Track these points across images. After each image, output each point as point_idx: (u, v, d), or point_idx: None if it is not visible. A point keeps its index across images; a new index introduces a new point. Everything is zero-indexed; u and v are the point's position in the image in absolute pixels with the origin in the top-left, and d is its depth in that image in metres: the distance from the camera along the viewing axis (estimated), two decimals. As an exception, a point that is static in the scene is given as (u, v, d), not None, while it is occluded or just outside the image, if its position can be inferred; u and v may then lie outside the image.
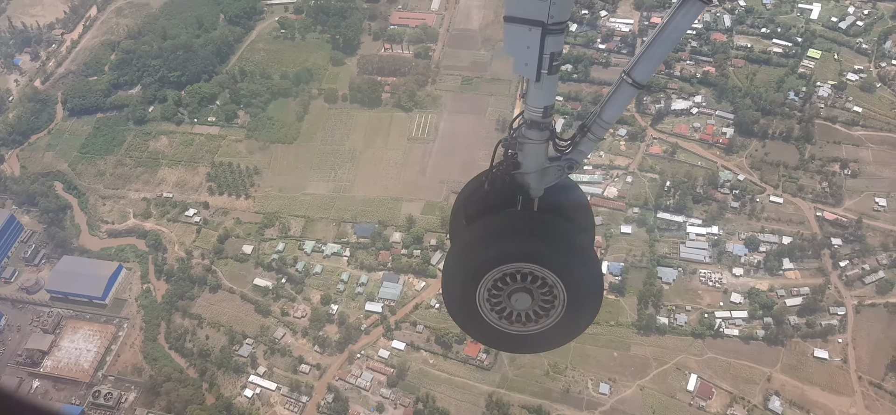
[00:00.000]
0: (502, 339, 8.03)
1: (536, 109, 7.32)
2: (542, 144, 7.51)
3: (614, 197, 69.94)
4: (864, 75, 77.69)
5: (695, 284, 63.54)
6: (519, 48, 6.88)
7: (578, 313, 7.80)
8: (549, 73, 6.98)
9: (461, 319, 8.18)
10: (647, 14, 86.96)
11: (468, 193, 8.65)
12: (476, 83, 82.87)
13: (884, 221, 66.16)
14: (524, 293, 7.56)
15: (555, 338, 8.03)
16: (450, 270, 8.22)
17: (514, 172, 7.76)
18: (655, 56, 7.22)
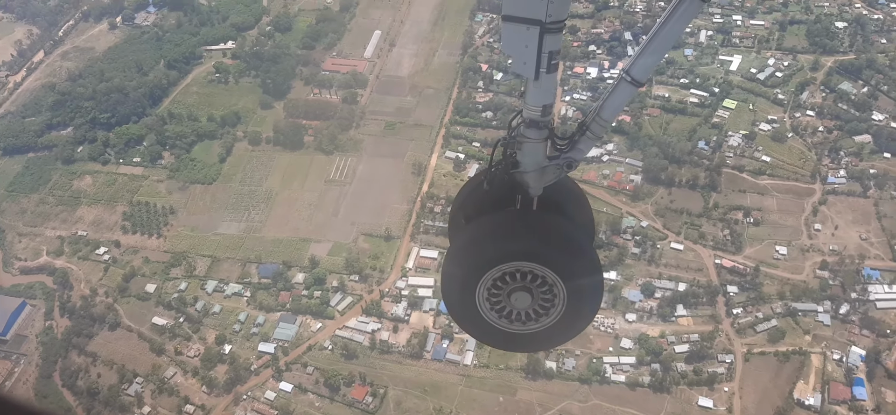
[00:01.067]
0: (502, 338, 8.01)
1: (535, 108, 7.31)
2: (541, 142, 7.52)
3: (519, 241, 70.10)
4: (776, 125, 78.83)
5: (588, 329, 63.11)
6: (517, 47, 6.90)
7: (578, 311, 7.81)
8: (547, 71, 6.98)
9: (461, 318, 8.15)
10: (571, 64, 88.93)
11: (467, 192, 8.69)
12: (398, 128, 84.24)
13: (782, 270, 66.13)
14: (524, 292, 7.54)
15: (555, 336, 8.04)
16: (449, 270, 8.18)
17: (513, 171, 7.74)
18: (655, 54, 7.19)
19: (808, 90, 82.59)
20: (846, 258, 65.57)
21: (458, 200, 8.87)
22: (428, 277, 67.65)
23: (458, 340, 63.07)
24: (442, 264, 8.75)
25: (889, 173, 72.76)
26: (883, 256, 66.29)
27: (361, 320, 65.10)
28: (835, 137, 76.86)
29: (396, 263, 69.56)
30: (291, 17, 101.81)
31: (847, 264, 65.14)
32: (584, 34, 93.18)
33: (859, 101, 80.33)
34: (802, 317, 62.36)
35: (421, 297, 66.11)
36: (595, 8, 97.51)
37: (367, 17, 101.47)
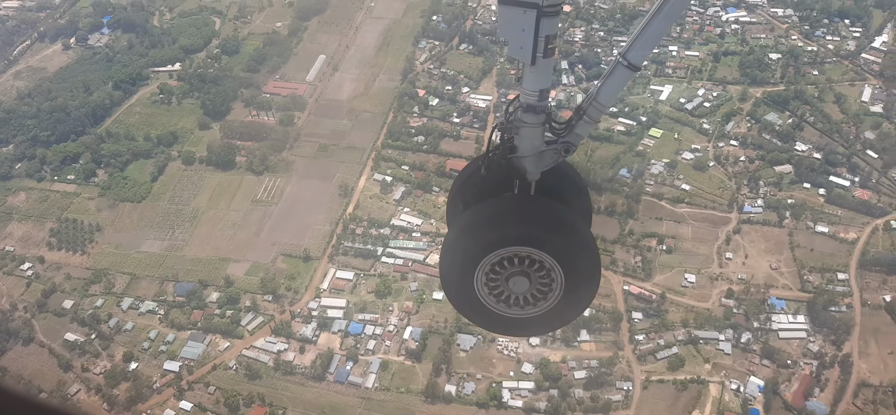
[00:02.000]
0: (501, 322, 7.98)
1: (532, 93, 7.30)
2: (539, 127, 7.49)
3: (435, 264, 70.68)
4: (699, 154, 79.73)
5: (491, 353, 63.48)
6: (513, 31, 6.84)
7: (576, 296, 7.78)
8: (544, 56, 6.93)
9: (459, 303, 8.13)
10: (505, 91, 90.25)
11: (465, 178, 8.70)
12: (331, 151, 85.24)
13: (689, 297, 66.53)
14: (522, 277, 7.50)
15: (553, 320, 8.03)
16: (447, 255, 8.23)
17: (510, 156, 7.72)
18: (651, 39, 7.14)
19: (734, 120, 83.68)
20: (752, 287, 65.93)
21: (455, 186, 8.96)
22: (340, 299, 68.13)
23: (362, 362, 63.36)
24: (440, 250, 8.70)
25: (807, 203, 73.45)
26: (791, 286, 66.67)
27: (269, 340, 65.42)
28: (756, 166, 77.71)
29: (312, 284, 70.06)
30: (240, 41, 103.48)
31: (752, 294, 65.51)
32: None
33: (784, 131, 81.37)
34: (704, 345, 62.64)
35: (331, 318, 66.47)
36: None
37: (314, 41, 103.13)
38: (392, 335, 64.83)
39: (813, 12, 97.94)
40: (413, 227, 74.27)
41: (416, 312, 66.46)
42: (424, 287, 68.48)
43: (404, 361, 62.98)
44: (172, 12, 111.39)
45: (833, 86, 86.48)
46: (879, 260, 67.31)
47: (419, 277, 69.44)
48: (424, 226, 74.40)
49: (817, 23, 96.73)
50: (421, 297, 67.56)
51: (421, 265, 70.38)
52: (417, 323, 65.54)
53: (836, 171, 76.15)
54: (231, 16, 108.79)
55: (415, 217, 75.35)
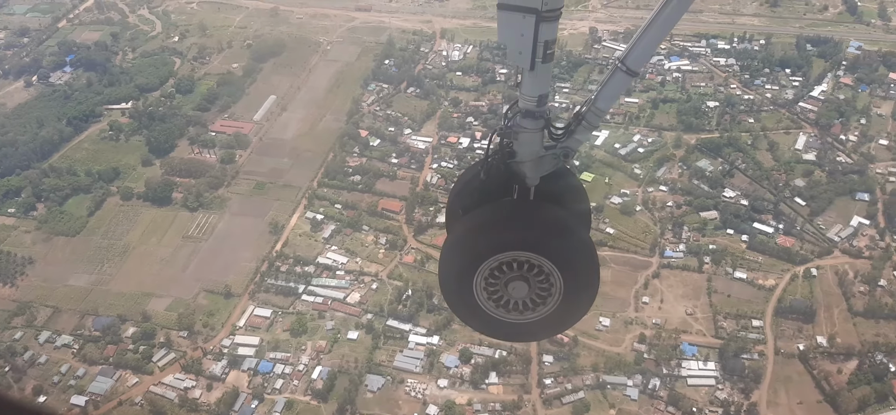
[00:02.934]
0: (500, 327, 7.91)
1: (531, 98, 7.30)
2: (538, 132, 7.50)
3: (355, 303, 70.77)
4: (628, 198, 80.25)
5: (399, 394, 63.00)
6: (512, 36, 6.85)
7: (575, 301, 7.72)
8: (543, 61, 6.97)
9: (458, 308, 8.09)
10: (445, 134, 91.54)
11: (465, 183, 8.69)
12: (268, 188, 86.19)
13: (602, 341, 66.16)
14: (521, 282, 7.45)
15: (551, 326, 7.99)
16: (447, 260, 8.16)
17: (509, 161, 7.72)
18: (650, 44, 7.12)
19: (666, 166, 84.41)
20: (664, 333, 65.61)
21: (455, 191, 8.96)
22: (255, 337, 68.08)
23: (268, 401, 62.97)
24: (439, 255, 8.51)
25: (728, 249, 73.51)
26: (705, 333, 66.34)
27: (178, 376, 65.17)
28: (682, 212, 78.07)
29: (229, 320, 70.11)
30: (195, 81, 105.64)
31: (664, 339, 65.15)
32: (465, 106, 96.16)
33: (714, 178, 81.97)
34: (611, 390, 62.08)
35: (242, 356, 66.33)
36: (482, 82, 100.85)
37: (267, 82, 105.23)
38: (301, 375, 64.54)
39: (754, 62, 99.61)
40: (338, 265, 74.56)
41: (328, 351, 66.26)
42: (340, 326, 68.43)
43: (310, 400, 62.57)
44: (135, 52, 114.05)
45: (767, 133, 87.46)
46: (796, 308, 67.00)
47: (337, 316, 69.43)
48: (350, 264, 74.72)
49: (758, 72, 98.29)
50: (335, 336, 67.47)
51: (341, 304, 70.46)
52: (328, 363, 65.29)
53: (762, 217, 76.45)
54: (190, 56, 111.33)
55: (341, 255, 75.73)
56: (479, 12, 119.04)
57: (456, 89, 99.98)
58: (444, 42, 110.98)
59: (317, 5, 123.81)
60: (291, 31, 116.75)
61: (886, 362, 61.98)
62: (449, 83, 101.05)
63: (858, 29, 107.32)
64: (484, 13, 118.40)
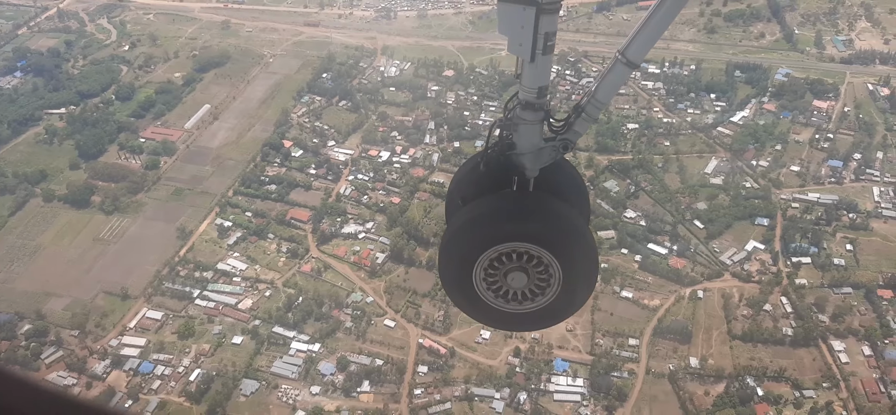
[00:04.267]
0: (499, 318, 8.02)
1: (531, 90, 7.33)
2: (537, 124, 7.55)
3: (246, 309, 71.91)
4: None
5: (271, 399, 63.82)
6: (513, 28, 6.88)
7: (573, 292, 7.82)
8: (543, 53, 6.99)
9: (458, 299, 8.18)
10: (368, 147, 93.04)
11: (464, 174, 8.76)
12: (185, 195, 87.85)
13: (479, 354, 66.81)
14: (520, 272, 7.54)
15: (550, 316, 8.06)
16: (446, 251, 8.21)
17: (509, 152, 7.80)
18: (651, 36, 7.17)
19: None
20: (540, 348, 66.15)
21: (454, 182, 9.00)
22: (142, 338, 69.25)
23: (143, 400, 63.96)
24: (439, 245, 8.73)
25: (620, 268, 74.04)
26: (581, 349, 66.80)
27: (61, 374, 66.37)
28: (582, 230, 78.65)
29: (122, 322, 71.39)
30: (136, 88, 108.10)
31: (538, 354, 65.69)
32: (392, 121, 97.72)
33: (618, 198, 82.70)
34: (479, 402, 62.60)
35: (126, 356, 67.50)
36: (413, 98, 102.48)
37: (205, 92, 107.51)
38: (180, 376, 65.59)
39: (680, 86, 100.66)
40: (236, 271, 75.83)
41: (210, 355, 67.31)
42: (227, 331, 69.52)
43: (184, 402, 63.55)
44: (85, 60, 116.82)
45: (680, 156, 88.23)
46: (674, 329, 67.36)
47: (226, 321, 70.56)
48: (248, 271, 75.97)
49: (683, 96, 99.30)
50: (220, 340, 68.54)
51: (231, 309, 71.60)
52: (208, 366, 66.31)
53: (657, 239, 77.02)
54: (136, 65, 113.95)
55: (241, 262, 76.99)
56: (422, 31, 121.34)
57: (386, 104, 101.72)
58: (384, 58, 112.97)
59: (267, 20, 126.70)
60: (239, 43, 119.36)
61: (754, 386, 62.07)
62: (381, 98, 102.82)
63: (792, 56, 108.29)
64: (427, 32, 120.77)
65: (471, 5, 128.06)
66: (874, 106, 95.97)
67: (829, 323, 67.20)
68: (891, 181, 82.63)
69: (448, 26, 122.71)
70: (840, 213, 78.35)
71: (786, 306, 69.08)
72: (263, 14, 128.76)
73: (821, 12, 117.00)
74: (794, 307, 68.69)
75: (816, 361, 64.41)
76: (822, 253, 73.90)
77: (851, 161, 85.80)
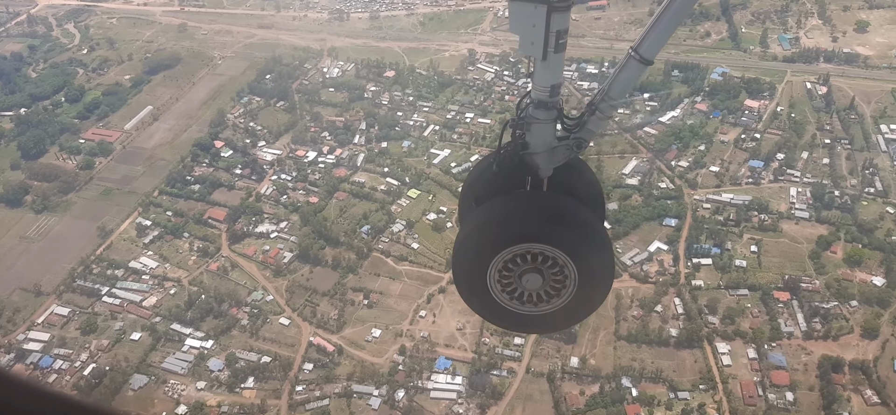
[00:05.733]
0: (514, 319, 7.88)
1: (544, 89, 7.26)
2: (550, 123, 7.46)
3: (150, 306, 73.63)
4: (443, 215, 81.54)
5: (157, 394, 65.32)
6: (524, 27, 6.83)
7: (589, 293, 7.67)
8: (555, 51, 6.93)
9: (472, 300, 8.06)
10: (296, 147, 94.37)
11: (477, 175, 8.69)
12: (113, 194, 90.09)
13: (367, 352, 67.55)
14: (535, 274, 7.37)
15: (566, 318, 7.94)
16: (460, 252, 8.11)
17: (522, 152, 7.67)
18: (663, 32, 7.10)
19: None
20: (426, 346, 66.64)
21: (468, 183, 8.99)
22: (46, 333, 71.32)
23: (36, 392, 65.90)
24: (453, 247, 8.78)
25: (521, 269, 74.04)
26: (467, 348, 67.11)
27: (-36, 366, 68.85)
28: (489, 230, 78.93)
29: (32, 318, 73.61)
30: (85, 91, 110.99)
31: (423, 352, 66.19)
32: (324, 121, 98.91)
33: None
34: (357, 399, 63.32)
35: (29, 350, 69.63)
36: (349, 99, 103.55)
37: (151, 94, 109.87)
38: (75, 371, 67.49)
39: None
40: (146, 269, 77.62)
41: (108, 350, 69.11)
42: (128, 327, 71.26)
43: (73, 395, 65.39)
44: (46, 63, 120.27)
45: (602, 157, 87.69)
46: (562, 328, 67.20)
47: (129, 318, 72.32)
48: (158, 269, 77.71)
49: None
50: (119, 336, 70.31)
51: (136, 306, 73.35)
52: (104, 361, 68.10)
53: (563, 238, 76.75)
54: (91, 68, 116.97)
55: (153, 261, 78.77)
56: (372, 32, 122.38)
57: (323, 105, 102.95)
58: (329, 59, 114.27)
59: (224, 22, 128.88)
60: (192, 45, 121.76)
61: (629, 387, 61.76)
62: (318, 99, 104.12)
63: (734, 55, 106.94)
64: (377, 33, 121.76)
65: (424, 6, 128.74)
66: (809, 105, 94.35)
67: (718, 325, 66.48)
68: (810, 182, 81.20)
69: (398, 28, 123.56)
70: (751, 214, 77.32)
71: (677, 307, 68.49)
72: (221, 17, 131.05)
73: (772, 10, 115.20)
74: (686, 309, 68.07)
75: (698, 362, 63.85)
76: (725, 254, 73.06)
77: (773, 162, 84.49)
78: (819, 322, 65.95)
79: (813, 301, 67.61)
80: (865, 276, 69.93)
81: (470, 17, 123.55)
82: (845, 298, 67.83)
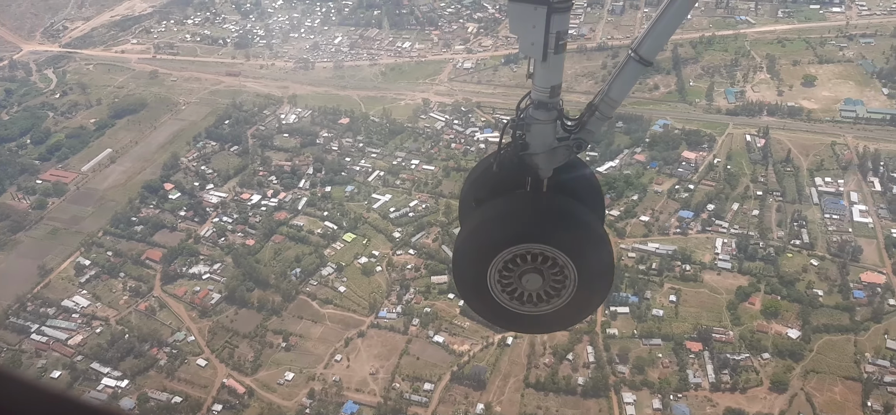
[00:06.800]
0: (514, 319, 7.95)
1: (543, 90, 7.35)
2: (550, 124, 7.54)
3: (75, 345, 74.70)
4: (374, 260, 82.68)
5: None
6: (524, 28, 6.91)
7: (589, 293, 7.78)
8: (555, 52, 7.01)
9: (472, 300, 8.15)
10: (242, 190, 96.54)
11: (477, 175, 8.70)
12: (60, 234, 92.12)
13: (277, 395, 67.93)
14: (535, 274, 7.46)
15: (566, 317, 8.04)
16: (460, 252, 8.22)
17: (522, 153, 7.74)
18: (663, 33, 7.17)
19: (425, 231, 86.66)
20: (335, 390, 66.98)
21: (467, 183, 8.97)
22: (-30, 368, 72.31)
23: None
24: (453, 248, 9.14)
25: (441, 313, 74.66)
26: (377, 393, 67.32)
27: None
28: (416, 275, 79.92)
29: (-44, 352, 74.88)
30: (51, 133, 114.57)
31: (331, 396, 66.49)
32: (273, 166, 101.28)
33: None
34: (260, 441, 63.54)
35: (-51, 385, 70.50)
36: (300, 144, 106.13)
37: (113, 137, 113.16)
38: (-9, 406, 68.14)
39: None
40: (77, 308, 78.99)
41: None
42: (50, 366, 72.19)
43: (-14, 431, 65.93)
44: (20, 107, 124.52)
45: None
46: (472, 375, 67.47)
47: (52, 356, 73.40)
48: (89, 308, 79.04)
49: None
50: (40, 374, 71.09)
51: (61, 344, 74.49)
52: (20, 397, 68.75)
53: (486, 285, 77.42)
54: (60, 111, 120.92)
55: (86, 300, 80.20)
56: (334, 81, 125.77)
57: (275, 150, 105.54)
58: (288, 106, 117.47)
59: (194, 70, 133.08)
60: (160, 91, 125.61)
61: (530, 435, 61.60)
62: (271, 144, 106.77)
63: (680, 108, 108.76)
64: (339, 82, 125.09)
65: (388, 57, 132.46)
66: (747, 157, 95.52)
67: (627, 374, 66.40)
68: (736, 232, 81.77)
69: (360, 77, 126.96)
70: (674, 263, 77.79)
71: (589, 356, 68.58)
72: (193, 64, 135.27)
73: (722, 65, 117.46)
74: (597, 357, 68.16)
75: (603, 412, 63.64)
76: (643, 303, 73.35)
77: (704, 212, 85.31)
78: (728, 374, 65.71)
79: (724, 352, 67.49)
80: (781, 328, 69.83)
81: (430, 69, 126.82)
82: (758, 351, 67.69)
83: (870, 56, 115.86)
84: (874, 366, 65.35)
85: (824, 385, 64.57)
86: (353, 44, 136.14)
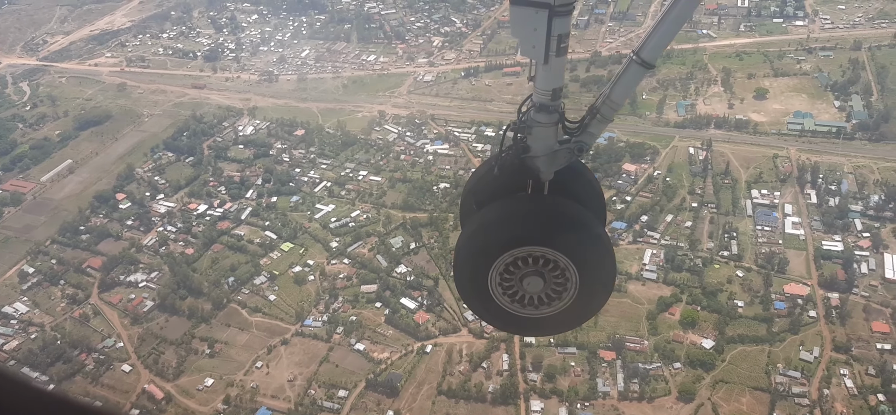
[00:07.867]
0: (515, 322, 7.95)
1: (545, 92, 7.36)
2: (552, 127, 7.54)
3: (10, 350, 76.37)
4: (307, 269, 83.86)
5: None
6: (525, 31, 6.93)
7: (591, 295, 7.78)
8: (557, 55, 7.03)
9: (473, 303, 8.13)
10: (190, 200, 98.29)
11: (478, 178, 8.71)
12: (11, 243, 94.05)
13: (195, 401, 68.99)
14: (536, 277, 7.44)
15: (567, 320, 8.03)
16: (461, 255, 8.15)
17: (523, 156, 7.72)
18: (665, 36, 7.19)
19: (362, 241, 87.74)
20: (249, 396, 68.04)
21: (468, 186, 9.00)
22: None
23: None
24: (454, 251, 9.13)
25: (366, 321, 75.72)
26: (291, 399, 68.27)
27: None
28: (346, 284, 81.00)
29: None
30: (16, 144, 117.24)
31: (246, 403, 67.52)
32: (223, 176, 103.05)
33: (398, 254, 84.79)
34: (172, 446, 64.60)
35: None
36: (254, 156, 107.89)
37: (76, 148, 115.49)
38: (-82, 409, 69.83)
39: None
40: (16, 314, 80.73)
41: (-45, 390, 71.51)
42: (-19, 369, 73.77)
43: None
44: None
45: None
46: (386, 382, 68.31)
47: (-12, 360, 75.08)
48: (27, 315, 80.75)
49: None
50: (-30, 377, 72.80)
51: (-3, 351, 76.28)
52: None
53: (414, 294, 78.48)
54: (28, 123, 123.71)
55: (25, 306, 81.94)
56: (296, 93, 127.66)
57: (229, 161, 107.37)
58: (248, 118, 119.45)
59: (162, 82, 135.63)
60: (126, 103, 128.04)
61: (434, 441, 62.22)
62: (226, 155, 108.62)
63: (629, 121, 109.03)
64: (300, 94, 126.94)
65: (351, 70, 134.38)
66: (687, 169, 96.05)
67: (538, 382, 66.94)
68: (666, 244, 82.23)
69: (322, 89, 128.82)
70: (600, 274, 78.17)
71: (504, 364, 69.20)
72: (162, 77, 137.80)
73: (677, 78, 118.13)
74: (511, 365, 68.76)
75: (509, 420, 64.21)
76: (564, 313, 73.76)
77: (637, 223, 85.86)
78: (638, 383, 66.05)
79: (636, 362, 67.85)
80: (696, 338, 70.17)
81: (391, 81, 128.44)
82: (670, 360, 68.04)
83: (827, 69, 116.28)
84: (785, 377, 65.53)
85: (732, 395, 64.80)
86: (319, 57, 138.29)
